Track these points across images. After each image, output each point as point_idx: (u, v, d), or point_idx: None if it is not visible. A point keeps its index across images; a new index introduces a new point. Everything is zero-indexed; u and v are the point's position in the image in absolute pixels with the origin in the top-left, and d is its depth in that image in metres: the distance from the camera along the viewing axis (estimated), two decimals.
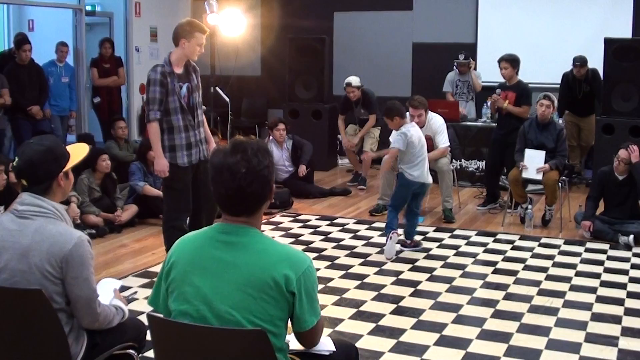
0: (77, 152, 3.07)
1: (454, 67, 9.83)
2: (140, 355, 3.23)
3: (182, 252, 2.52)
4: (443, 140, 7.62)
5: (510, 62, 7.84)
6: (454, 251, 6.48)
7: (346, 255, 6.18)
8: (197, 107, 5.53)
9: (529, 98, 7.87)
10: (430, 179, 6.48)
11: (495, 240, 6.88)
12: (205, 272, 2.43)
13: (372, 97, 9.40)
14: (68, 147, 3.06)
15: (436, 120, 7.64)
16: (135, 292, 5.15)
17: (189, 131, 5.44)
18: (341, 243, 6.69)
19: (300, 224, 7.40)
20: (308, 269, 2.45)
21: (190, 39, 5.31)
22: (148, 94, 5.29)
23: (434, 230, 7.22)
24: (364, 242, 6.74)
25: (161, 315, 2.58)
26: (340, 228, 7.23)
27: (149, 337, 2.94)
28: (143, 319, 3.45)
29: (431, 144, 7.51)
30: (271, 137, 8.80)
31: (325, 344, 2.75)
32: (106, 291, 3.20)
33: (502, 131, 7.92)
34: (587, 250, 6.56)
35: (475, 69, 9.90)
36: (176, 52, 5.37)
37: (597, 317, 4.88)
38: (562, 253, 6.46)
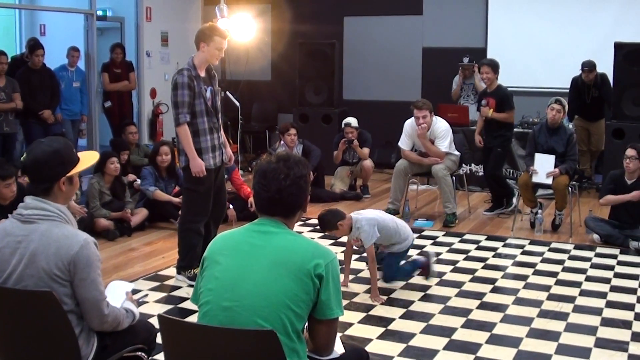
0: (86, 159, 3.07)
1: (459, 72, 9.86)
2: (150, 357, 3.24)
3: (216, 244, 2.70)
4: (444, 145, 7.68)
5: (492, 67, 7.88)
6: (464, 256, 6.48)
7: (355, 260, 6.16)
8: (219, 110, 5.58)
9: (510, 102, 7.87)
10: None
11: (505, 245, 6.88)
12: (236, 253, 2.61)
13: (368, 135, 9.16)
14: (80, 154, 3.05)
15: (440, 125, 7.74)
16: (146, 295, 5.17)
17: (213, 134, 5.48)
18: None
19: (310, 228, 7.41)
20: (335, 260, 2.62)
21: (210, 42, 5.34)
22: (176, 97, 5.27)
23: (444, 235, 7.22)
24: None
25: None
26: None
27: (159, 339, 2.96)
28: (153, 321, 3.47)
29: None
30: (282, 142, 8.75)
31: (335, 347, 2.75)
32: (118, 294, 3.22)
33: (492, 139, 7.96)
34: (597, 255, 6.54)
35: (479, 72, 9.91)
36: (198, 56, 5.40)
37: (607, 322, 4.87)
38: (572, 258, 6.45)
